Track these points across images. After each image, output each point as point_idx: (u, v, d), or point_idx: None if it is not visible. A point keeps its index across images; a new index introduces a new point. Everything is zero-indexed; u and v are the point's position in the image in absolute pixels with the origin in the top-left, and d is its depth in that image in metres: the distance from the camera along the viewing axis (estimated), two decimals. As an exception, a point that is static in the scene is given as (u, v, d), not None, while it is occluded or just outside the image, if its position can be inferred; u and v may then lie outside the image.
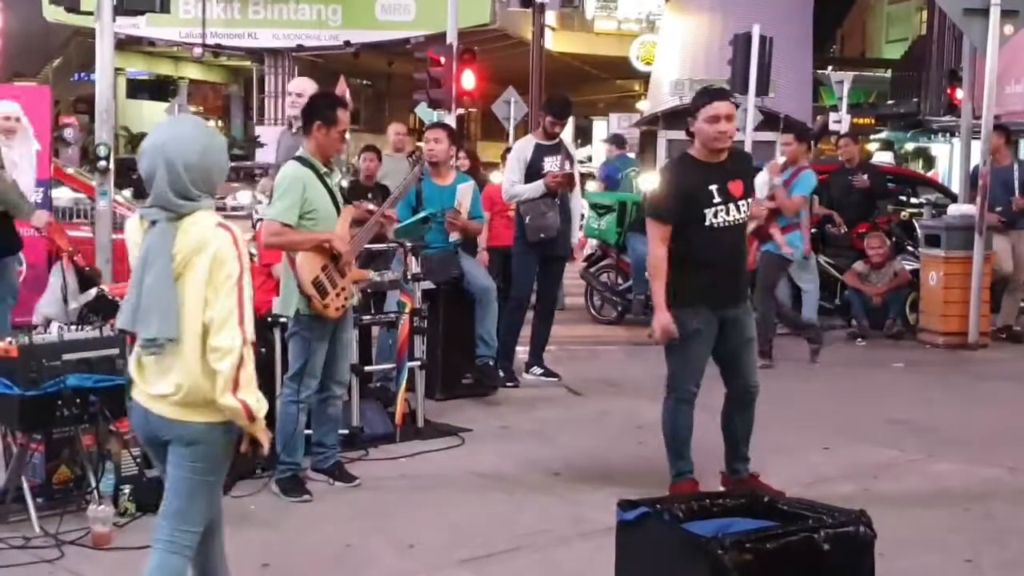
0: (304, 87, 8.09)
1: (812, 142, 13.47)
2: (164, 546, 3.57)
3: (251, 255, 9.54)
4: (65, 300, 7.81)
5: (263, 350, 6.75)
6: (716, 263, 5.62)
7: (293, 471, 5.88)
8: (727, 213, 5.60)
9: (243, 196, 35.42)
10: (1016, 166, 11.36)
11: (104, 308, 7.03)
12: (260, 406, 3.52)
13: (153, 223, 3.53)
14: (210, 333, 3.44)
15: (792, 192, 9.32)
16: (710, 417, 5.88)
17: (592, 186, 15.73)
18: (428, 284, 7.62)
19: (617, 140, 15.65)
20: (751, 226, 9.72)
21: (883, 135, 36.33)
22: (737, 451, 5.93)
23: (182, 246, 3.47)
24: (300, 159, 5.88)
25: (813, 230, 10.77)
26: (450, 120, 16.10)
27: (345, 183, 7.45)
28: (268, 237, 5.84)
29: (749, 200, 5.74)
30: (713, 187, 5.58)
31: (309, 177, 5.79)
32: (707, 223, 5.56)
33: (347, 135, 6.14)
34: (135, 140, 45.60)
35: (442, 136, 8.24)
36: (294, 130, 8.09)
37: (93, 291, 7.50)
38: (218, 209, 3.65)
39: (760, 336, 9.36)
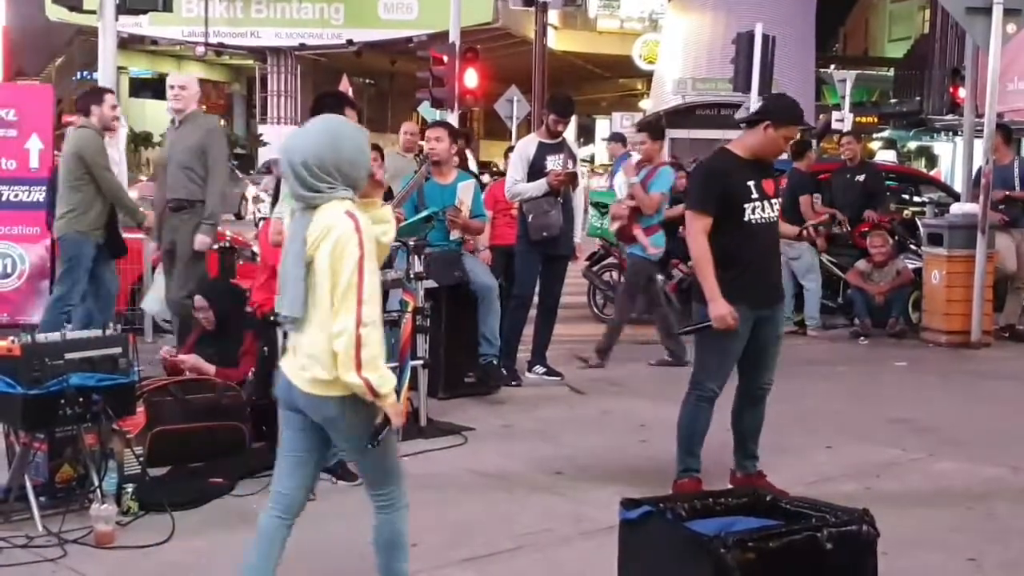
0: (187, 80, 8.32)
1: (815, 141, 13.48)
2: (375, 511, 4.06)
3: (253, 253, 9.55)
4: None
5: (265, 349, 6.78)
6: (754, 260, 5.60)
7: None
8: (763, 210, 5.59)
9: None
10: (1016, 164, 11.36)
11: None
12: (383, 383, 3.72)
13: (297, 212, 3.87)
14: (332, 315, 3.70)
15: (650, 190, 9.28)
16: (715, 416, 5.86)
17: (595, 183, 15.71)
18: (431, 283, 7.61)
19: (620, 138, 15.65)
20: (613, 226, 9.77)
21: (886, 134, 36.37)
22: (746, 448, 5.93)
23: (312, 231, 3.73)
24: None
25: (820, 227, 10.78)
26: (452, 119, 16.09)
27: None
28: (275, 236, 5.83)
29: (779, 200, 5.75)
30: (751, 183, 5.58)
31: None
32: (745, 218, 5.54)
33: None
34: (137, 139, 45.64)
35: (443, 135, 8.24)
36: (176, 124, 8.15)
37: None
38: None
39: (606, 337, 9.42)
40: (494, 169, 21.80)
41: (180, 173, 8.00)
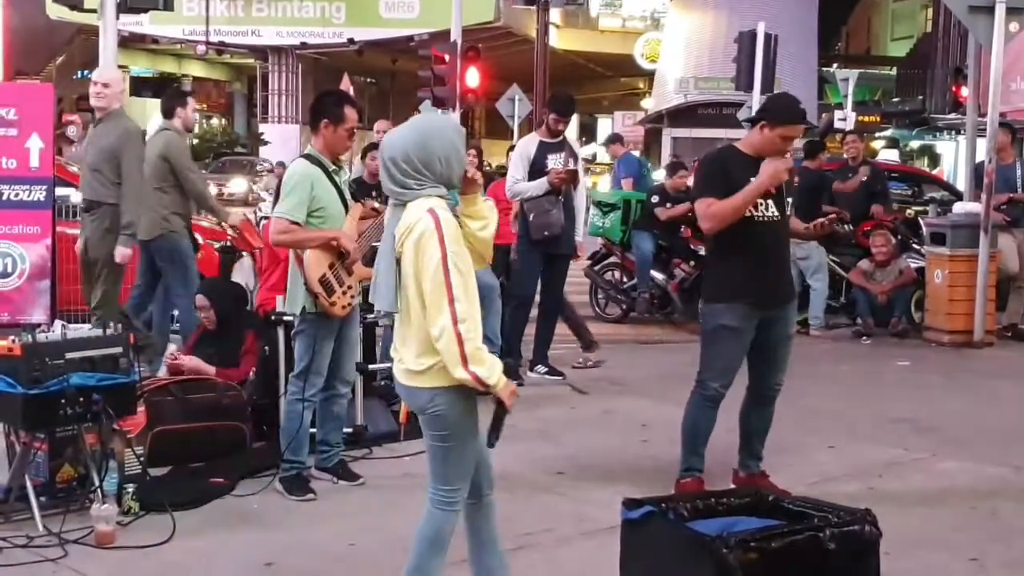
0: (111, 77, 8.06)
1: (820, 139, 13.47)
2: (428, 502, 4.05)
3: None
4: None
5: (266, 348, 6.77)
6: (759, 258, 5.57)
7: (297, 470, 5.86)
8: (767, 208, 5.57)
9: (235, 184, 35.53)
10: (1019, 164, 11.35)
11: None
12: (491, 373, 3.79)
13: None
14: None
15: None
16: (719, 416, 5.84)
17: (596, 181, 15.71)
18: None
19: (618, 139, 15.66)
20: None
21: (888, 132, 36.35)
22: (751, 448, 5.91)
23: (399, 228, 3.85)
24: (308, 156, 5.88)
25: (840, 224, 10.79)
26: (454, 118, 16.08)
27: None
28: (276, 235, 5.82)
29: (789, 199, 5.72)
30: (754, 180, 5.56)
31: (317, 175, 5.77)
32: (748, 214, 5.53)
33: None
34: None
35: None
36: (95, 123, 8.08)
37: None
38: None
39: (576, 333, 9.42)
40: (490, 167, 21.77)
41: (89, 174, 7.90)
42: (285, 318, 6.21)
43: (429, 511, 4.05)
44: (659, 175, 17.77)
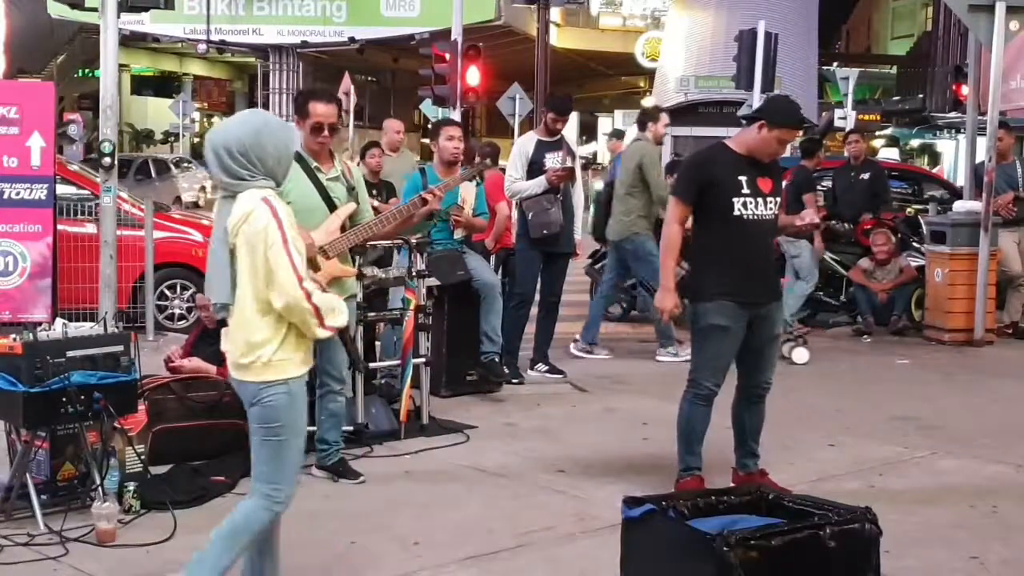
0: None
1: (819, 138, 13.46)
2: (253, 499, 3.97)
3: None
4: None
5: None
6: (747, 257, 5.57)
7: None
8: (756, 207, 5.56)
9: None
10: (1019, 163, 11.35)
11: None
12: (341, 316, 3.90)
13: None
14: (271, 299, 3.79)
15: None
16: (718, 414, 5.85)
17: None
18: (433, 281, 7.60)
19: (622, 135, 15.64)
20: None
21: (888, 131, 36.30)
22: (746, 446, 5.91)
23: (234, 220, 3.83)
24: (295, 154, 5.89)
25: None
26: (455, 117, 16.09)
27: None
28: None
29: (777, 199, 5.72)
30: (742, 178, 5.56)
31: (294, 172, 5.74)
32: (736, 213, 5.52)
33: (337, 128, 6.10)
34: (139, 137, 45.72)
35: (460, 133, 8.20)
36: None
37: None
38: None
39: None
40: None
41: None
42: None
43: (247, 506, 3.99)
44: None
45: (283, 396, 3.88)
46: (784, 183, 10.70)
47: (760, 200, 5.58)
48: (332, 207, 5.92)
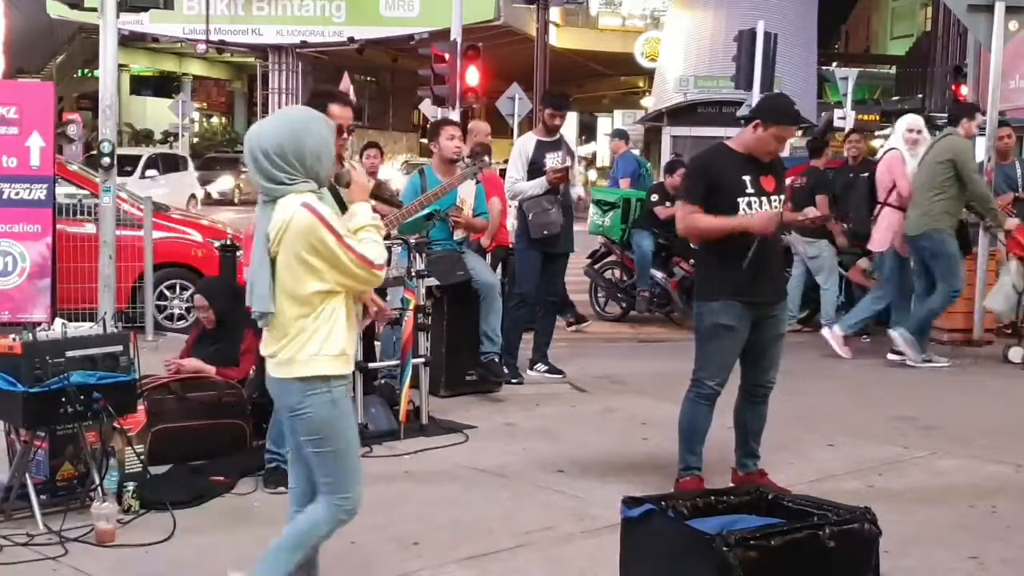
0: None
1: (819, 138, 13.44)
2: (322, 507, 3.96)
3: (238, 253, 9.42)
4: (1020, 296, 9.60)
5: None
6: (753, 257, 5.54)
7: (277, 462, 5.85)
8: (761, 206, 5.56)
9: (223, 182, 35.47)
10: (1018, 163, 11.33)
11: None
12: (379, 254, 3.82)
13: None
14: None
15: None
16: (717, 414, 5.85)
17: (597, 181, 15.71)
18: (432, 281, 7.60)
19: (623, 135, 15.65)
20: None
21: (888, 131, 36.31)
22: (747, 446, 5.91)
23: (275, 226, 3.72)
24: None
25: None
26: (454, 117, 16.08)
27: None
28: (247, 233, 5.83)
29: (782, 197, 5.72)
30: (746, 177, 5.56)
31: None
32: (740, 212, 5.53)
33: (353, 130, 6.10)
34: (138, 136, 45.72)
35: (460, 133, 8.19)
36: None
37: None
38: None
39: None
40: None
41: None
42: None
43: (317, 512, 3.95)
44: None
45: (326, 404, 3.79)
46: (799, 184, 10.77)
47: (764, 199, 5.58)
48: (343, 209, 5.92)
